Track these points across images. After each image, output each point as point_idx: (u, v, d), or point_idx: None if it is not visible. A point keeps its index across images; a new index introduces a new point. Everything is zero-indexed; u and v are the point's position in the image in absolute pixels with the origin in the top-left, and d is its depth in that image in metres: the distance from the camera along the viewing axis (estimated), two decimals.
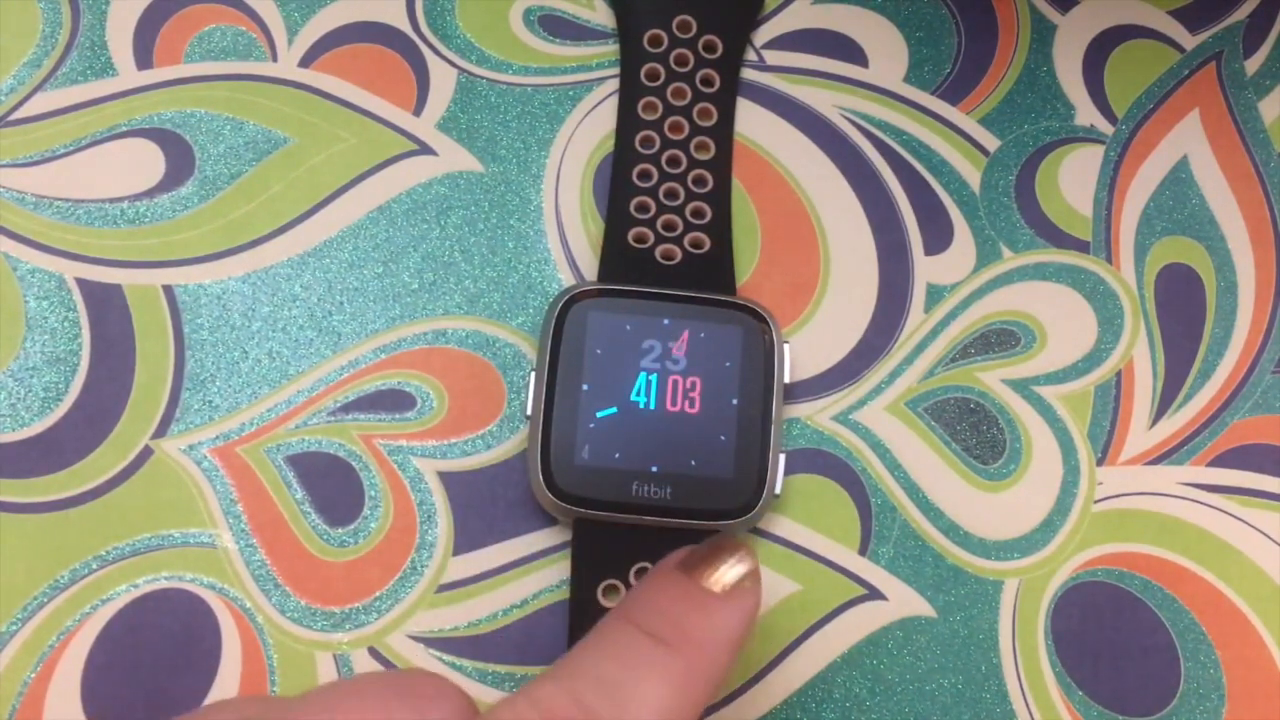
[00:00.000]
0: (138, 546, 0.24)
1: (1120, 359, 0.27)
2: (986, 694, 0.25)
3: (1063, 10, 0.29)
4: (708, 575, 0.19)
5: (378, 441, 0.25)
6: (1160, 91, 0.29)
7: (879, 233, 0.27)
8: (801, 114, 0.28)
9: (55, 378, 0.25)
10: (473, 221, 0.27)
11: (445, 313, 0.26)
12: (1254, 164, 0.28)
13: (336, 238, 0.26)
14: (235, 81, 0.27)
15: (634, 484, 0.24)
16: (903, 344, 0.27)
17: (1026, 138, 0.28)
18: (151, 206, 0.26)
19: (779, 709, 0.25)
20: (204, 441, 0.25)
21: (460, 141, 0.27)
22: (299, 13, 0.28)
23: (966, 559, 0.26)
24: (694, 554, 0.20)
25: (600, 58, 0.28)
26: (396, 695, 0.17)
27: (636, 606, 0.19)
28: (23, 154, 0.26)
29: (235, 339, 0.26)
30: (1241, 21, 0.29)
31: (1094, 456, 0.26)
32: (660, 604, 0.19)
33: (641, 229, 0.26)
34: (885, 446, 0.26)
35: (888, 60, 0.28)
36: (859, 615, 0.25)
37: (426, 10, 0.28)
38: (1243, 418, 0.27)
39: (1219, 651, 0.25)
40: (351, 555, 0.25)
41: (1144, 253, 0.28)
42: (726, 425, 0.24)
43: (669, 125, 0.27)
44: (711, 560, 0.19)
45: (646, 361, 0.24)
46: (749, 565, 0.20)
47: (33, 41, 0.27)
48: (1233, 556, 0.26)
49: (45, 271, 0.26)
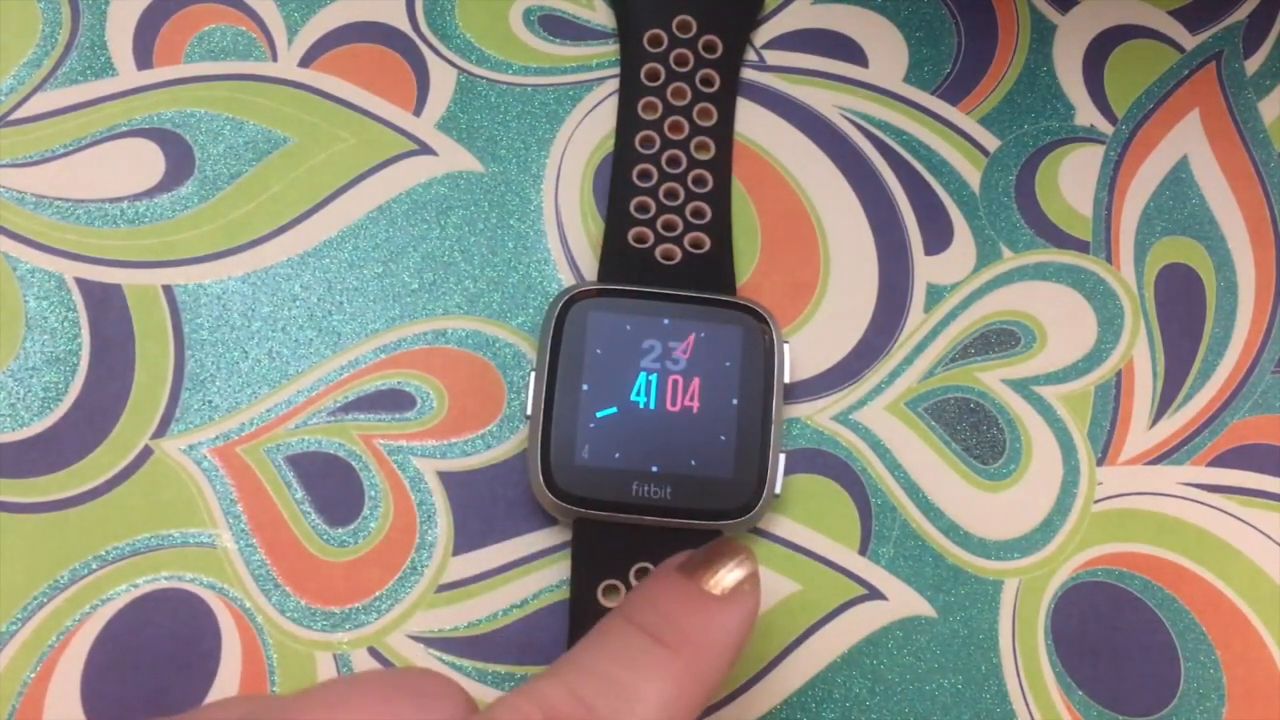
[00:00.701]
0: (138, 546, 0.24)
1: (1120, 359, 0.27)
2: (986, 694, 0.25)
3: (1063, 10, 0.29)
4: (708, 578, 0.19)
5: (378, 441, 0.25)
6: (1160, 91, 0.29)
7: (879, 233, 0.27)
8: (801, 114, 0.28)
9: (55, 378, 0.25)
10: (473, 221, 0.27)
11: (445, 313, 0.26)
12: (1254, 164, 0.28)
13: (336, 238, 0.26)
14: (235, 81, 0.27)
15: (634, 484, 0.24)
16: (903, 344, 0.27)
17: (1026, 138, 0.28)
18: (151, 206, 0.26)
19: (779, 709, 0.25)
20: (204, 441, 0.25)
21: (460, 141, 0.27)
22: (299, 13, 0.28)
23: (966, 559, 0.26)
24: (694, 557, 0.20)
25: (600, 58, 0.28)
26: (398, 692, 0.17)
27: (637, 608, 0.19)
28: (23, 154, 0.26)
29: (235, 339, 0.26)
30: (1241, 21, 0.29)
31: (1094, 456, 0.26)
32: (661, 606, 0.19)
33: (641, 229, 0.26)
34: (885, 446, 0.26)
35: (888, 60, 0.28)
36: (859, 615, 0.25)
37: (426, 10, 0.28)
38: (1243, 418, 0.27)
39: (1219, 651, 0.25)
40: (351, 555, 0.25)
41: (1144, 253, 0.28)
42: (726, 425, 0.24)
43: (669, 125, 0.27)
44: (711, 563, 0.20)
45: (646, 361, 0.24)
46: (749, 569, 0.20)
47: (33, 41, 0.27)
48: (1233, 556, 0.26)
49: (45, 271, 0.26)
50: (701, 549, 0.20)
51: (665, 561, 0.20)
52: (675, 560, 0.20)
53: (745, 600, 0.19)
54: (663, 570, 0.20)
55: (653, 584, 0.19)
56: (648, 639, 0.18)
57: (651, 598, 0.19)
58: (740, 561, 0.20)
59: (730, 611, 0.19)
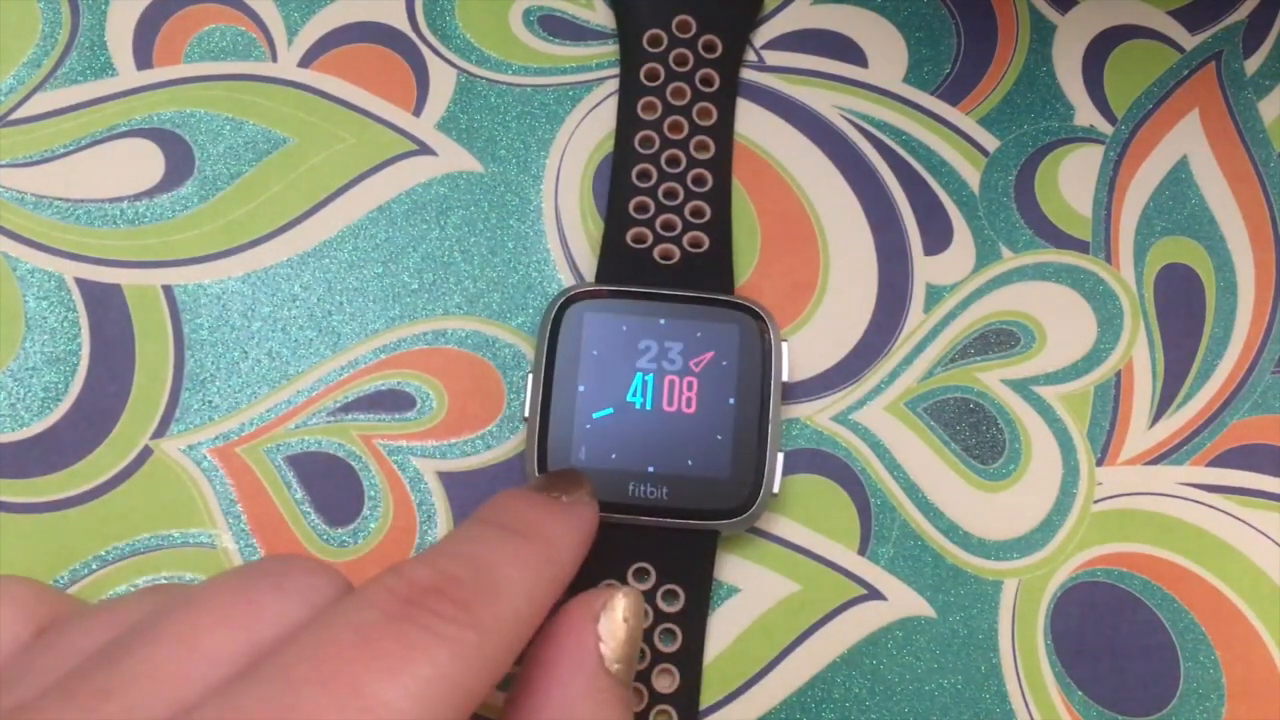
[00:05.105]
0: (137, 546, 0.25)
1: (1120, 359, 0.27)
2: (986, 694, 0.25)
3: (1062, 10, 0.29)
4: (550, 492, 0.21)
5: (377, 442, 0.25)
6: (1160, 91, 0.29)
7: (879, 233, 0.27)
8: (801, 114, 0.28)
9: (55, 378, 0.25)
10: (473, 222, 0.27)
11: (445, 313, 0.26)
12: (1254, 164, 0.28)
13: (336, 238, 0.27)
14: (235, 81, 0.27)
15: (630, 484, 0.24)
16: (902, 344, 0.27)
17: (1026, 138, 0.28)
18: (151, 206, 0.26)
19: (779, 709, 0.25)
20: (204, 441, 0.25)
21: (460, 142, 0.27)
22: (299, 13, 0.28)
23: (966, 559, 0.26)
24: (533, 482, 0.23)
25: (600, 58, 0.28)
26: (257, 577, 0.17)
27: (489, 513, 0.20)
28: (23, 154, 0.26)
29: (235, 339, 0.26)
30: (1241, 21, 0.29)
31: (1093, 456, 0.26)
32: (511, 508, 0.20)
33: (641, 229, 0.26)
34: (885, 446, 0.26)
35: (887, 60, 0.28)
36: (858, 615, 0.25)
37: (426, 10, 0.28)
38: (1242, 418, 0.27)
39: (1219, 651, 0.25)
40: (351, 555, 0.25)
41: (1143, 253, 0.27)
42: (723, 425, 0.24)
43: (668, 125, 0.27)
44: (552, 482, 0.22)
45: (643, 362, 0.24)
46: (587, 484, 0.22)
47: (32, 41, 0.27)
48: (1233, 556, 0.26)
49: (45, 271, 0.26)
50: (541, 476, 0.23)
51: None
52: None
53: (587, 507, 0.21)
54: (505, 490, 0.21)
55: (499, 497, 0.21)
56: (505, 531, 0.19)
57: (500, 505, 0.20)
58: (578, 480, 0.22)
59: (576, 510, 0.21)
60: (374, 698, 0.15)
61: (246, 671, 0.16)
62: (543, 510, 0.20)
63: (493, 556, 0.18)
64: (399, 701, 0.15)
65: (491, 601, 0.17)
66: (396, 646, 0.16)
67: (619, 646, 0.20)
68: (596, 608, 0.20)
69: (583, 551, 0.21)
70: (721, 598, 0.25)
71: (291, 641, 0.16)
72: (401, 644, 0.16)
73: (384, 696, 0.15)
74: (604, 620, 0.20)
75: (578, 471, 0.23)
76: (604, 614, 0.20)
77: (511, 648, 0.18)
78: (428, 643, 0.16)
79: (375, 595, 0.17)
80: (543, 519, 0.20)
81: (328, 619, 0.16)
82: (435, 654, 0.16)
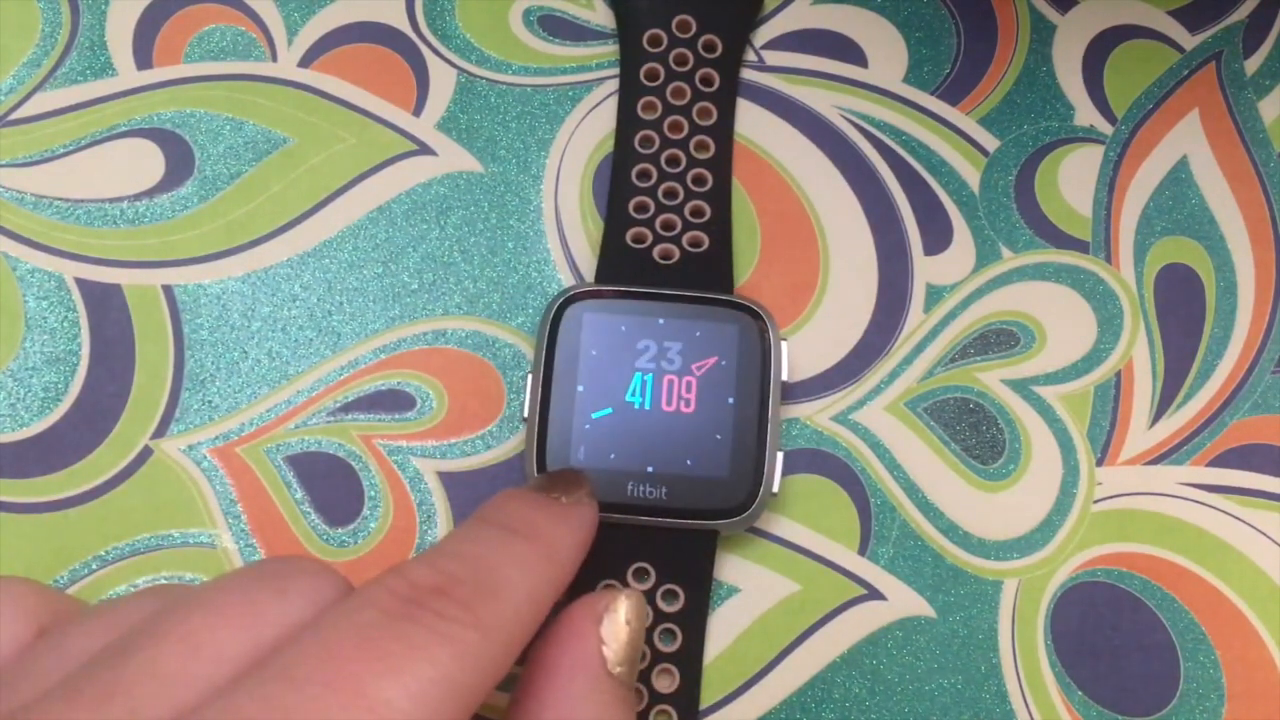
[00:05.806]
0: (137, 546, 0.25)
1: (1120, 359, 0.27)
2: (986, 694, 0.25)
3: (1062, 10, 0.29)
4: (550, 492, 0.21)
5: (377, 442, 0.25)
6: (1160, 91, 0.29)
7: (879, 233, 0.27)
8: (801, 114, 0.28)
9: (55, 378, 0.25)
10: (472, 222, 0.27)
11: (445, 313, 0.26)
12: (1254, 164, 0.28)
13: (336, 238, 0.27)
14: (235, 81, 0.27)
15: (629, 484, 0.24)
16: (902, 344, 0.27)
17: (1026, 138, 0.28)
18: (151, 206, 0.26)
19: (779, 709, 0.25)
20: (204, 441, 0.25)
21: (460, 142, 0.27)
22: (299, 13, 0.28)
23: (966, 559, 0.26)
24: (533, 481, 0.22)
25: (600, 58, 0.28)
26: (258, 582, 0.17)
27: (489, 513, 0.20)
28: (22, 154, 0.26)
29: (235, 339, 0.26)
30: (1241, 21, 0.29)
31: (1093, 456, 0.26)
32: (510, 509, 0.20)
33: (640, 229, 0.26)
34: (885, 446, 0.26)
35: (887, 60, 0.28)
36: (858, 615, 0.25)
37: (426, 10, 0.28)
38: (1242, 418, 0.27)
39: (1219, 651, 0.25)
40: (351, 555, 0.25)
41: (1143, 253, 0.27)
42: (722, 425, 0.24)
43: (668, 125, 0.27)
44: (551, 482, 0.22)
45: (642, 362, 0.24)
46: (586, 484, 0.22)
47: (32, 41, 0.27)
48: (1233, 556, 0.26)
49: (45, 271, 0.26)
50: (539, 477, 0.23)
51: None
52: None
53: (587, 508, 0.21)
54: (505, 490, 0.21)
55: (499, 497, 0.21)
56: (505, 531, 0.19)
57: (500, 505, 0.20)
58: (578, 481, 0.22)
59: (577, 511, 0.21)
60: (376, 697, 0.15)
61: (249, 672, 0.16)
62: (543, 510, 0.20)
63: (493, 556, 0.18)
64: (401, 701, 0.15)
65: (492, 601, 0.17)
66: (398, 646, 0.16)
67: (621, 649, 0.20)
68: (599, 610, 0.20)
69: (583, 551, 0.21)
70: (721, 598, 0.25)
71: (293, 642, 0.16)
72: (403, 644, 0.16)
73: (386, 696, 0.15)
74: (607, 622, 0.20)
75: (577, 471, 0.23)
76: (607, 616, 0.20)
77: (513, 647, 0.18)
78: (429, 642, 0.16)
79: (376, 595, 0.17)
80: (543, 519, 0.20)
81: (329, 619, 0.16)
82: (437, 654, 0.16)
